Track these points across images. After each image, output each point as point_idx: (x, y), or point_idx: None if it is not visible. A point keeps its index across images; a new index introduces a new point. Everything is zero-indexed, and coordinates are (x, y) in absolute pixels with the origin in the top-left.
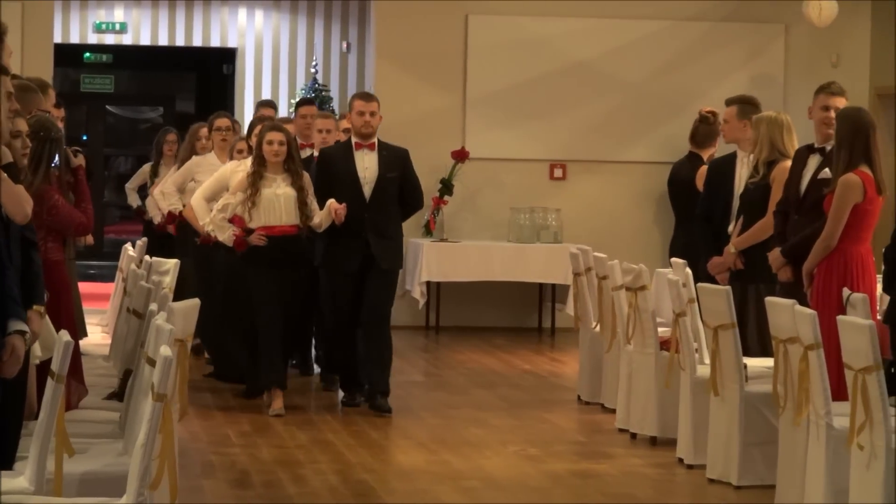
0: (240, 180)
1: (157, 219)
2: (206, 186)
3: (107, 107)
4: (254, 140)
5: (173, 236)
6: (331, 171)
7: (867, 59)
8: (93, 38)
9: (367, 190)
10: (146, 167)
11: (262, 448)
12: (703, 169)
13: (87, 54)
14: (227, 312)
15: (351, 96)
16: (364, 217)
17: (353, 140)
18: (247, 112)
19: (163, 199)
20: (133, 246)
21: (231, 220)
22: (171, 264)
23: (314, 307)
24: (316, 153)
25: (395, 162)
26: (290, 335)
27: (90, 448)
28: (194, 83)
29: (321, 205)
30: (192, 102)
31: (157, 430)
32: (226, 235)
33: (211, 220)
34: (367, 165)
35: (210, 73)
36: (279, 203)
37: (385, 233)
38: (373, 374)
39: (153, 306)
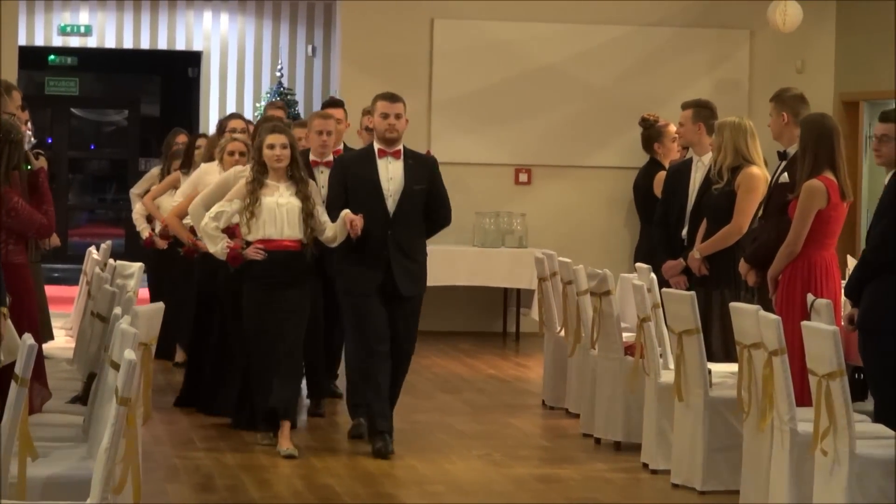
0: (238, 187)
1: (145, 233)
2: (207, 194)
3: (71, 109)
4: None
5: (177, 253)
6: (349, 180)
7: (832, 65)
8: (58, 41)
9: (391, 203)
10: (154, 171)
11: (225, 452)
12: (661, 175)
13: (52, 57)
14: (228, 338)
15: (374, 96)
16: (387, 234)
17: (376, 146)
18: (212, 115)
19: (152, 213)
20: (97, 249)
21: (227, 231)
22: (136, 268)
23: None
24: (315, 157)
25: (423, 172)
26: (294, 365)
27: (54, 452)
28: (159, 86)
29: (335, 218)
30: (157, 105)
31: (120, 434)
32: (218, 247)
33: (202, 230)
34: (391, 175)
35: (175, 77)
36: (281, 214)
37: (409, 253)
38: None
39: (117, 310)
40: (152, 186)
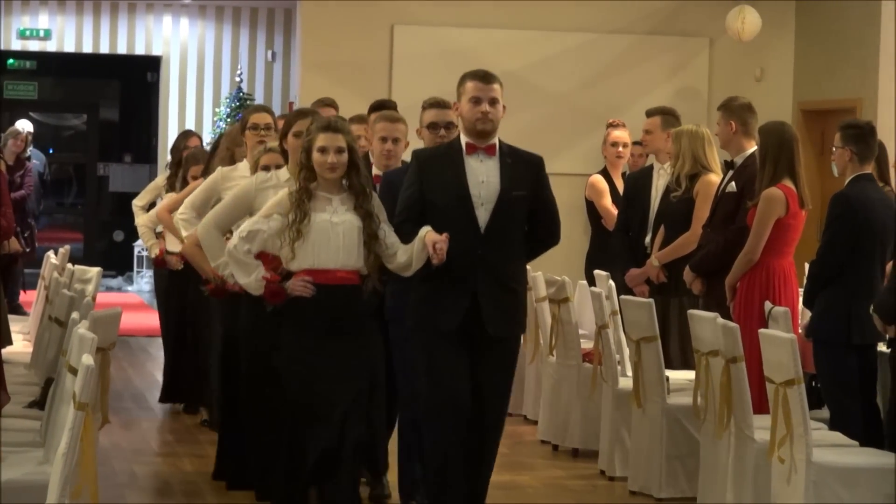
0: (279, 200)
1: (154, 251)
2: (219, 212)
3: (30, 113)
4: (292, 143)
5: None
6: (428, 184)
7: (791, 73)
8: (17, 45)
9: (483, 213)
10: (159, 180)
11: (183, 458)
12: (592, 178)
13: (11, 61)
14: (251, 394)
15: (462, 76)
16: (476, 254)
17: (464, 140)
18: (171, 120)
19: (168, 229)
20: (55, 253)
21: (260, 257)
22: (94, 273)
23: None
24: (378, 172)
25: (526, 173)
26: (354, 443)
27: (10, 456)
28: (118, 91)
29: (403, 234)
30: (117, 110)
31: (78, 439)
32: (251, 278)
33: (229, 253)
34: (483, 178)
35: (134, 81)
36: (336, 235)
37: (504, 280)
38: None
39: (75, 315)
40: (157, 197)
